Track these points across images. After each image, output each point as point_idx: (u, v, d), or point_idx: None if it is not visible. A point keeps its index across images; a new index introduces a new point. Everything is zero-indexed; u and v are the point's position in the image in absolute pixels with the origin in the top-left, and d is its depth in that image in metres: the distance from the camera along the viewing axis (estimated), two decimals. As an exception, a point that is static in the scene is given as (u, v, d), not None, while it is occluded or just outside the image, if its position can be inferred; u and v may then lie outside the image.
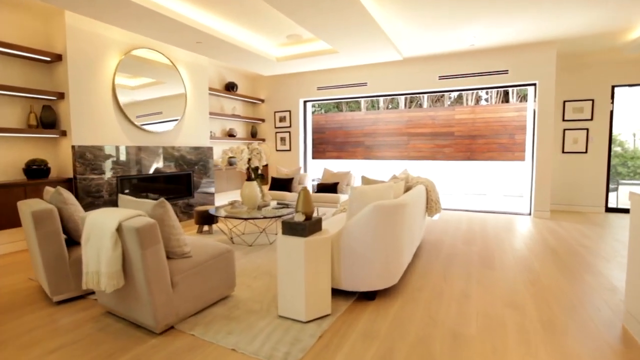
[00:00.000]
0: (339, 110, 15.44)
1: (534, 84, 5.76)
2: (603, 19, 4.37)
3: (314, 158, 8.82)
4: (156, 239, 2.05)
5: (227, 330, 2.15)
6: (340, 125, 10.02)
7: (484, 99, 14.97)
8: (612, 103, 5.88)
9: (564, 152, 6.20)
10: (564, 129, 6.16)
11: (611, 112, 5.89)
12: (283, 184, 5.97)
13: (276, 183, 6.03)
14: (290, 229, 2.27)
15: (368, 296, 2.60)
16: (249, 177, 4.26)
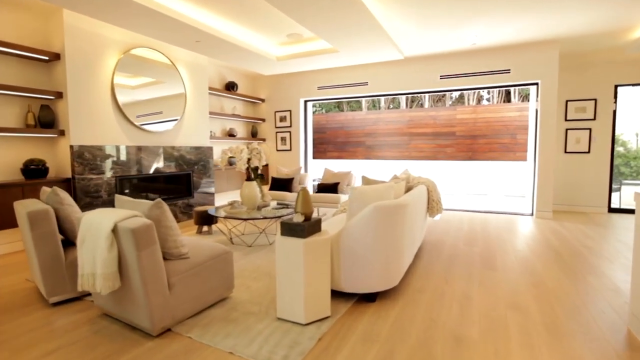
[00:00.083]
0: (340, 110, 15.40)
1: (536, 84, 5.71)
2: (606, 17, 4.33)
3: (314, 158, 8.79)
4: (152, 240, 2.02)
5: (224, 332, 2.12)
6: (341, 125, 9.99)
7: (485, 98, 14.91)
8: (615, 102, 5.83)
9: (566, 152, 6.15)
10: (566, 129, 6.11)
11: (614, 112, 5.84)
12: (283, 184, 5.93)
13: (276, 183, 5.99)
14: (289, 229, 2.23)
15: (368, 298, 2.56)
16: (249, 177, 4.23)
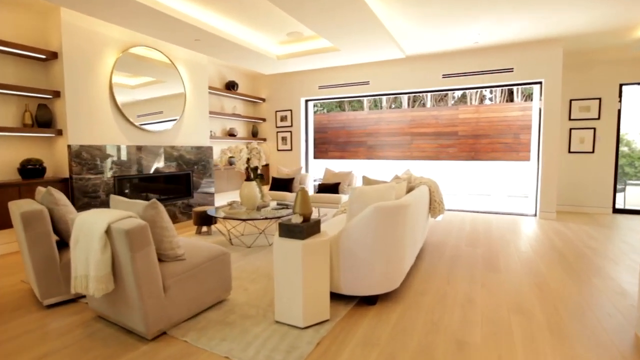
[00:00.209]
0: (342, 109, 15.34)
1: (540, 83, 5.64)
2: (610, 15, 4.25)
3: (316, 158, 8.73)
4: (147, 241, 1.97)
5: (221, 336, 2.07)
6: (342, 125, 9.92)
7: (488, 98, 14.82)
8: (620, 102, 5.75)
9: (570, 152, 6.07)
10: (570, 128, 6.03)
11: (619, 111, 5.76)
12: (284, 184, 5.88)
13: (276, 183, 5.94)
14: (288, 231, 2.18)
15: (368, 301, 2.51)
16: (248, 177, 4.18)
